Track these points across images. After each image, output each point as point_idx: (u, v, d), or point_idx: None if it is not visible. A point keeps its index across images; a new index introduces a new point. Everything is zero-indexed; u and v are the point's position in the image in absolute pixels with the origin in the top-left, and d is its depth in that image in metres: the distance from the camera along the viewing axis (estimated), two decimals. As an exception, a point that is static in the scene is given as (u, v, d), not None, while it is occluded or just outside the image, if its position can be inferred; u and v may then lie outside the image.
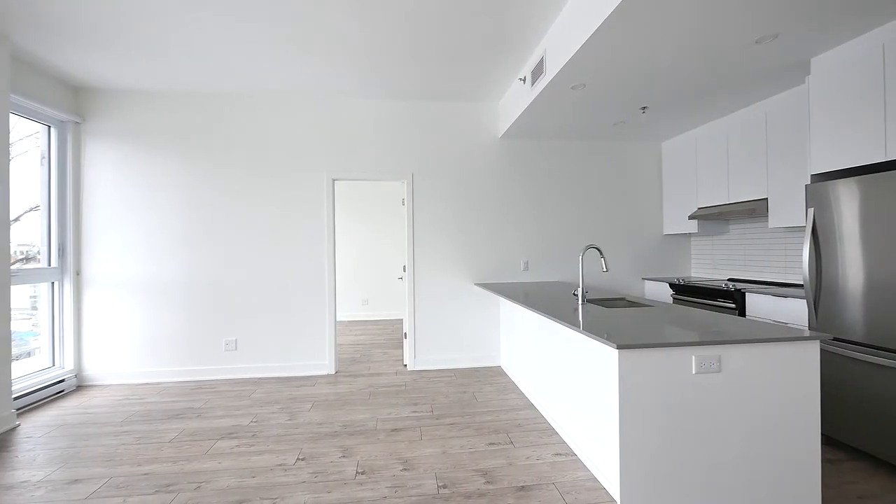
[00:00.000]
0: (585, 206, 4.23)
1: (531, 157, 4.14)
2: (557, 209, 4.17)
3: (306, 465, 2.21)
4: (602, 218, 4.26)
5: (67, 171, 3.51)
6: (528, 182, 4.13)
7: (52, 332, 3.45)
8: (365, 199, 6.72)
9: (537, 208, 4.13)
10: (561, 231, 4.17)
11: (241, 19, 2.54)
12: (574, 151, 4.22)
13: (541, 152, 4.15)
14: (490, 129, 4.07)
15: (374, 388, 3.41)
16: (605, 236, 4.26)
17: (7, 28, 2.64)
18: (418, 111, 3.96)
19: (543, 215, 4.14)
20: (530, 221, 4.12)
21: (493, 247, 4.06)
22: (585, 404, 2.17)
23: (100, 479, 2.09)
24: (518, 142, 4.11)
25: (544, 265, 4.13)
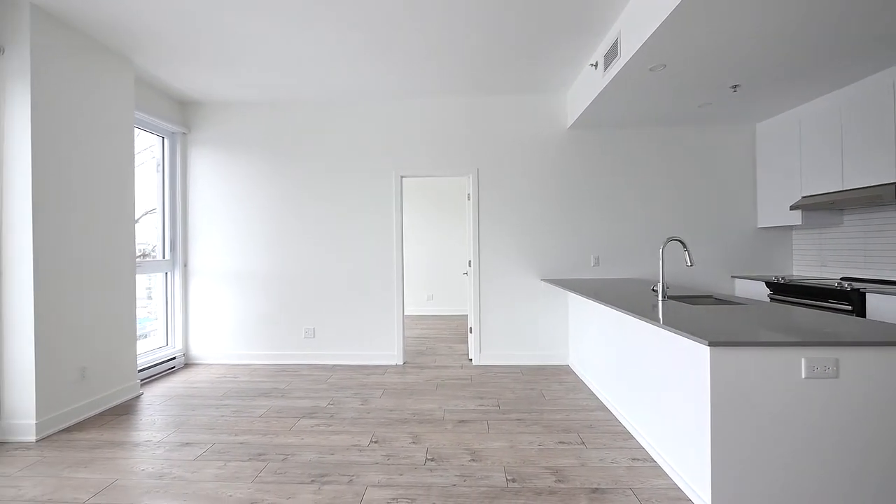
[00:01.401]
0: (663, 197, 3.92)
1: (602, 148, 3.93)
2: (631, 201, 3.92)
3: (379, 448, 2.32)
4: (683, 210, 3.93)
5: (177, 176, 4.02)
6: (598, 173, 3.93)
7: (166, 315, 3.98)
8: (430, 195, 6.86)
9: (609, 201, 3.92)
10: (635, 225, 3.91)
11: (319, 34, 2.72)
12: (650, 139, 3.93)
13: (612, 142, 3.93)
14: (557, 121, 3.93)
15: (440, 380, 3.47)
16: (687, 230, 3.92)
17: (132, 53, 3.09)
18: (483, 106, 3.95)
19: (616, 208, 3.92)
20: (601, 215, 3.92)
21: (561, 241, 3.92)
22: (668, 408, 2.02)
23: (205, 444, 2.37)
24: (587, 132, 3.93)
25: (617, 261, 3.91)
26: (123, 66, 3.11)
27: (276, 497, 1.88)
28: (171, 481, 2.01)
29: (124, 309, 3.07)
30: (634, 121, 3.76)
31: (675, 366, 1.92)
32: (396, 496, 1.88)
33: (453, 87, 3.73)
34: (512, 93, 3.89)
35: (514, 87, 3.75)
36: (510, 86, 3.72)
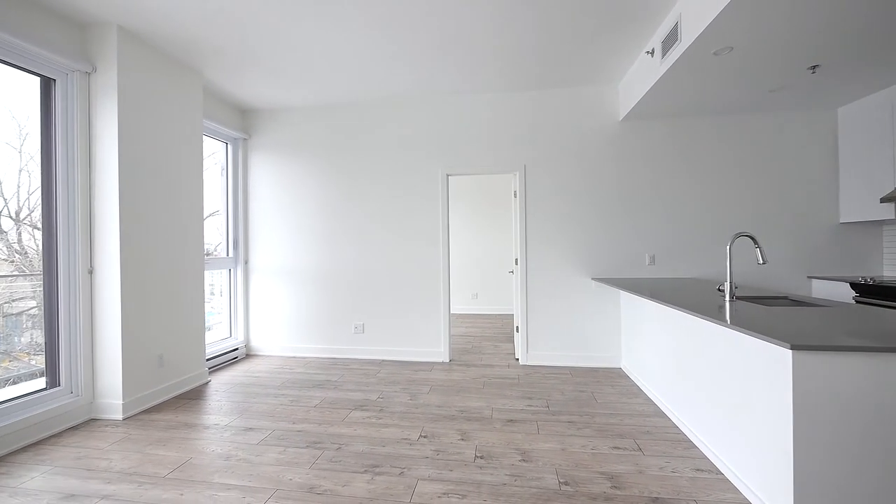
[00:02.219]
0: (727, 191, 3.65)
1: (657, 140, 3.72)
2: (691, 196, 3.68)
3: (428, 443, 2.34)
4: (751, 205, 3.63)
5: (239, 179, 4.30)
6: (653, 167, 3.72)
7: (230, 309, 4.27)
8: (474, 193, 6.84)
9: (665, 196, 3.70)
10: (695, 221, 3.67)
11: (368, 36, 2.79)
12: (711, 129, 3.67)
13: (669, 133, 3.71)
14: (608, 113, 3.78)
15: (486, 378, 3.45)
16: (756, 226, 3.62)
17: (201, 66, 3.34)
18: (530, 101, 3.88)
19: (673, 203, 3.70)
20: (657, 211, 3.71)
21: (613, 239, 3.76)
22: (737, 416, 1.88)
23: (266, 430, 2.52)
24: (642, 124, 3.74)
25: (674, 259, 3.69)
26: (194, 78, 3.37)
27: (332, 484, 1.95)
28: (237, 463, 2.15)
29: (195, 302, 3.33)
30: (695, 110, 3.52)
31: (747, 371, 1.78)
32: (447, 491, 1.89)
33: (500, 83, 3.70)
34: (560, 86, 3.79)
35: (562, 79, 3.65)
36: (559, 79, 3.63)
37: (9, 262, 5.06)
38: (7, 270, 5.13)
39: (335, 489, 1.91)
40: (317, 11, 2.57)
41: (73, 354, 2.67)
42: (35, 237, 5.48)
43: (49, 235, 2.67)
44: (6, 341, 4.57)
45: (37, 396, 2.50)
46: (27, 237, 5.47)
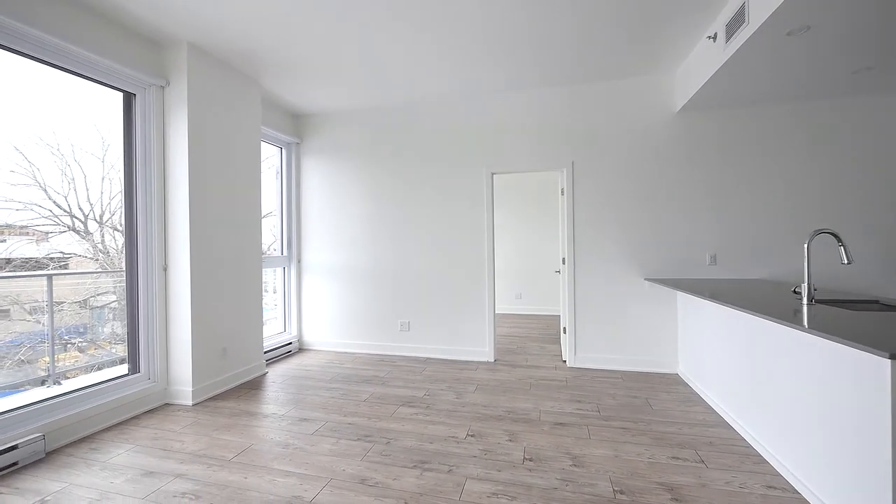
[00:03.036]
0: (800, 185, 3.33)
1: (719, 131, 3.47)
2: (756, 191, 3.40)
3: (476, 442, 2.33)
4: (830, 199, 3.29)
5: (292, 181, 4.52)
6: (713, 161, 3.48)
7: (284, 305, 4.50)
8: (518, 191, 6.74)
9: (728, 191, 3.45)
10: (762, 218, 3.38)
11: (415, 39, 2.83)
12: (782, 117, 3.37)
13: (732, 123, 3.44)
14: (663, 105, 3.57)
15: (533, 379, 3.39)
16: (836, 222, 3.27)
17: (259, 76, 3.54)
18: (578, 95, 3.76)
19: (736, 199, 3.43)
20: (718, 207, 3.47)
21: (668, 238, 3.56)
22: (819, 431, 1.71)
23: (319, 421, 2.63)
24: (701, 114, 3.50)
25: (739, 259, 3.42)
26: (253, 87, 3.58)
27: (383, 477, 2.00)
28: (293, 451, 2.25)
29: (254, 298, 3.54)
30: (762, 97, 3.25)
31: (831, 382, 1.61)
32: (496, 491, 1.87)
33: (546, 78, 3.61)
34: (610, 78, 3.64)
35: (613, 72, 3.50)
36: (609, 71, 3.48)
37: (94, 260, 5.63)
38: (92, 268, 5.71)
39: (386, 482, 1.96)
40: (364, 19, 2.64)
41: (151, 344, 2.93)
42: (115, 238, 6.05)
43: (130, 236, 2.94)
44: (92, 331, 5.09)
45: (120, 381, 2.77)
46: (108, 238, 6.06)
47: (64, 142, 4.45)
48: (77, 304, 4.44)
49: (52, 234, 5.30)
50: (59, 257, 5.67)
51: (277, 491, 1.89)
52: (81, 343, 4.39)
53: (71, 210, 5.30)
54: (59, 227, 5.24)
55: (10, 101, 2.38)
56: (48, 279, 3.34)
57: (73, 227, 5.44)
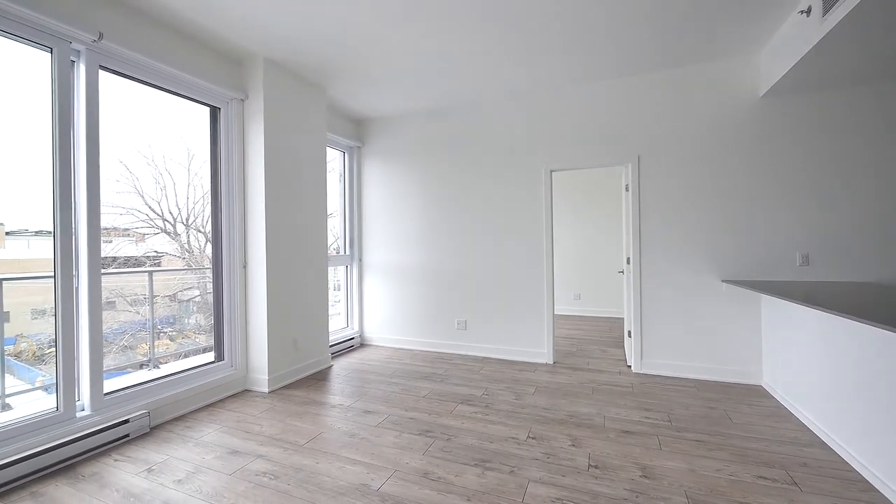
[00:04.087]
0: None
1: (812, 116, 3.10)
2: (858, 184, 2.99)
3: (537, 445, 2.29)
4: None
5: (354, 184, 4.73)
6: (805, 149, 3.11)
7: (347, 302, 4.72)
8: (577, 187, 6.51)
9: (821, 184, 3.07)
10: (866, 213, 2.97)
11: (473, 40, 2.83)
12: (886, 99, 2.93)
13: (829, 107, 3.06)
14: (744, 90, 3.26)
15: (595, 384, 3.26)
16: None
17: (326, 85, 3.75)
18: (645, 85, 3.54)
19: (831, 193, 3.04)
20: (810, 202, 3.10)
21: (750, 236, 3.24)
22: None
23: (382, 414, 2.72)
24: (791, 99, 3.15)
25: (837, 259, 3.03)
26: (320, 96, 3.79)
27: (445, 472, 2.03)
28: (359, 441, 2.36)
29: (320, 295, 3.76)
30: (865, 77, 2.85)
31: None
32: (561, 497, 1.83)
33: (609, 69, 3.45)
34: (683, 65, 3.39)
35: (686, 58, 3.26)
36: (681, 57, 3.25)
37: (181, 258, 6.29)
38: (180, 265, 6.35)
39: (448, 478, 1.98)
40: (425, 25, 2.69)
41: (233, 335, 3.21)
42: (198, 239, 6.68)
43: (216, 237, 3.24)
44: (180, 322, 5.66)
45: (208, 368, 3.06)
46: (193, 239, 6.71)
47: (157, 153, 4.99)
48: (167, 297, 4.97)
49: (148, 235, 5.99)
50: (153, 256, 6.39)
51: (346, 478, 1.99)
52: (171, 332, 4.92)
53: (163, 214, 5.96)
54: (154, 230, 5.91)
55: (117, 120, 2.72)
56: (149, 275, 3.76)
57: (165, 229, 6.11)
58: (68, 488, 1.93)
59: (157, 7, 2.53)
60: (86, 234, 2.36)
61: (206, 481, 1.98)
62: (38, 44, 2.20)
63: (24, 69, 2.40)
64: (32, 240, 6.83)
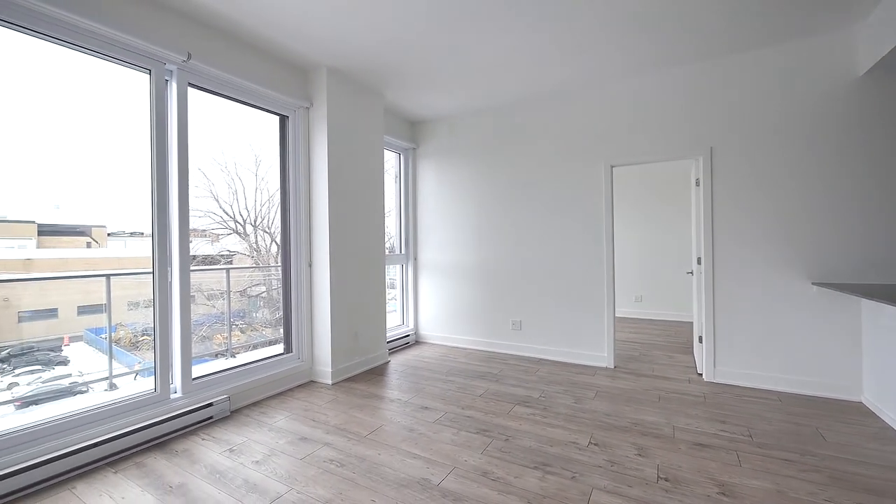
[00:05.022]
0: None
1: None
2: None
3: (600, 451, 2.21)
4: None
5: (409, 184, 4.84)
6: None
7: (402, 300, 4.84)
8: (639, 183, 6.17)
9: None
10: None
11: (526, 35, 2.77)
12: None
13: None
14: (838, 70, 2.90)
15: (661, 391, 3.07)
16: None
17: (383, 89, 3.87)
18: (717, 71, 3.27)
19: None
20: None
21: (845, 234, 2.88)
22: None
23: (439, 411, 2.76)
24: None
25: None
26: (378, 100, 3.92)
27: (504, 473, 2.02)
28: (418, 436, 2.41)
29: (378, 292, 3.89)
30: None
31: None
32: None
33: (677, 55, 3.22)
34: (762, 46, 3.08)
35: (765, 37, 2.96)
36: (760, 37, 2.96)
37: (250, 257, 6.79)
38: (249, 264, 6.82)
39: (507, 479, 1.97)
40: (479, 25, 2.68)
41: (300, 329, 3.42)
42: (264, 239, 7.13)
43: (284, 236, 3.47)
44: (249, 316, 6.10)
45: (278, 359, 3.29)
46: (260, 239, 7.18)
47: (230, 160, 5.42)
48: (237, 293, 5.39)
49: (221, 235, 6.55)
50: (226, 254, 6.94)
51: (407, 471, 2.05)
52: (241, 325, 5.34)
53: (234, 216, 6.48)
54: (226, 230, 6.45)
55: (195, 131, 2.99)
56: (226, 272, 4.10)
57: (236, 230, 6.64)
58: (165, 461, 2.17)
59: (235, 26, 2.75)
60: (177, 235, 2.62)
61: (280, 464, 2.13)
62: (139, 67, 2.49)
63: (121, 89, 2.72)
64: (128, 240, 7.65)
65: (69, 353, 6.58)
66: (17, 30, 2.05)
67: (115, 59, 2.39)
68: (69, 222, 7.63)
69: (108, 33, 2.25)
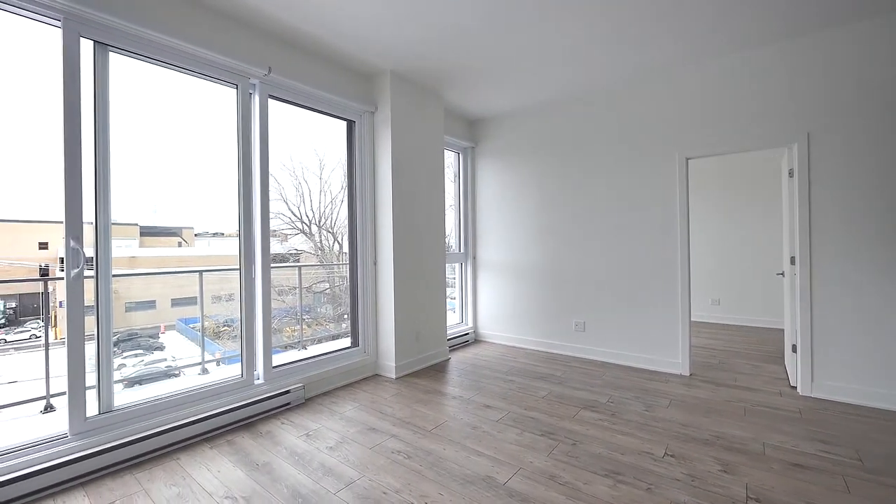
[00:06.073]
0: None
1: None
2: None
3: (677, 464, 2.06)
4: None
5: (468, 183, 4.85)
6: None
7: (461, 298, 4.88)
8: (717, 177, 5.67)
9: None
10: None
11: (589, 27, 2.65)
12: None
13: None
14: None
15: (747, 403, 2.80)
16: None
17: (443, 90, 3.91)
18: (813, 48, 2.90)
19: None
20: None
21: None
22: None
23: (502, 410, 2.75)
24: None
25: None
26: (438, 101, 3.98)
27: (572, 478, 1.96)
28: (482, 434, 2.42)
29: (439, 290, 3.95)
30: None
31: None
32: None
33: (764, 32, 2.91)
34: (873, 15, 2.69)
35: (874, 3, 2.58)
36: (868, 2, 2.58)
37: (315, 255, 7.19)
38: (314, 262, 7.22)
39: (576, 484, 1.91)
40: (543, 14, 2.61)
41: (366, 324, 3.57)
42: (327, 238, 7.49)
43: (351, 235, 3.64)
44: (314, 311, 6.45)
45: (346, 352, 3.46)
46: (324, 238, 7.56)
47: (297, 165, 5.76)
48: (304, 289, 5.70)
49: (290, 235, 7.01)
50: (294, 253, 7.40)
51: (472, 467, 2.06)
52: (308, 320, 5.68)
53: (301, 217, 6.90)
54: (294, 231, 6.90)
55: (271, 138, 3.22)
56: (298, 270, 4.38)
57: (303, 230, 7.08)
58: (251, 441, 2.38)
59: (308, 38, 2.94)
60: (259, 236, 2.86)
61: (352, 451, 2.24)
62: (228, 82, 2.74)
63: (208, 104, 3.00)
64: (211, 240, 8.40)
65: (164, 341, 7.42)
66: (134, 56, 2.34)
67: (207, 77, 2.65)
68: (164, 224, 8.55)
69: (204, 55, 2.51)
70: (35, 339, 9.00)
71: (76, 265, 2.08)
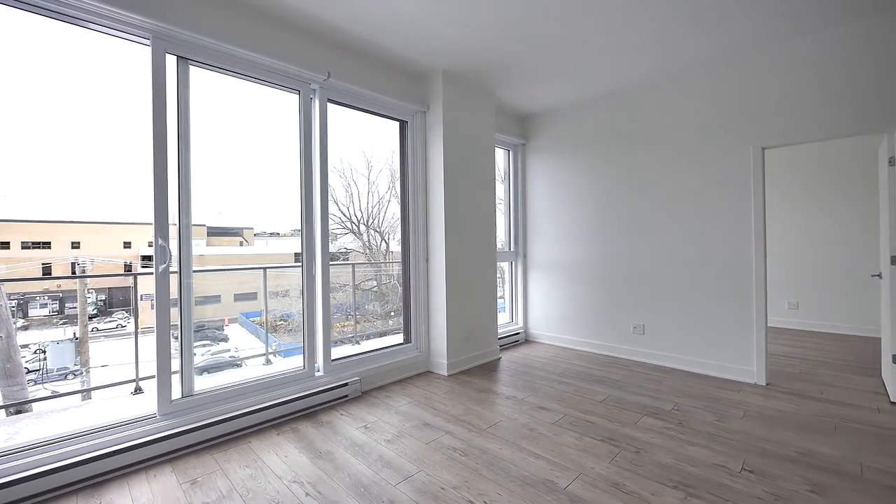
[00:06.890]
0: None
1: None
2: None
3: (757, 481, 1.89)
4: None
5: (518, 181, 4.77)
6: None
7: (512, 298, 4.81)
8: (790, 169, 5.16)
9: None
10: None
11: (645, 14, 2.49)
12: None
13: None
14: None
15: (838, 419, 2.52)
16: None
17: (494, 88, 3.87)
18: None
19: None
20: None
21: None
22: None
23: (558, 413, 2.67)
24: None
25: None
26: (489, 99, 3.94)
27: (638, 487, 1.86)
28: (538, 436, 2.36)
29: (490, 289, 3.92)
30: None
31: None
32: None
33: (853, 6, 2.59)
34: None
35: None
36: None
37: (363, 254, 7.40)
38: (362, 260, 7.41)
39: (642, 494, 1.81)
40: (597, 6, 2.50)
41: (418, 320, 3.62)
42: (374, 237, 7.66)
43: (404, 233, 3.70)
44: (362, 308, 6.62)
45: (399, 348, 3.53)
46: (371, 237, 7.74)
47: (346, 167, 5.93)
48: (353, 287, 5.85)
49: (339, 234, 7.26)
50: (344, 252, 7.64)
51: (531, 469, 2.02)
52: (357, 316, 5.84)
53: (350, 217, 7.13)
54: (343, 230, 7.15)
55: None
56: (351, 268, 4.52)
57: (352, 229, 7.31)
58: (313, 430, 2.49)
59: (362, 42, 3.02)
60: (319, 235, 2.98)
61: (408, 445, 2.28)
62: (290, 88, 2.89)
63: (269, 110, 3.17)
64: (269, 240, 8.89)
65: (228, 333, 7.98)
66: (206, 67, 2.53)
67: (272, 84, 2.81)
68: (228, 225, 9.15)
69: (270, 63, 2.66)
70: (121, 329, 10.05)
71: (164, 261, 2.28)
